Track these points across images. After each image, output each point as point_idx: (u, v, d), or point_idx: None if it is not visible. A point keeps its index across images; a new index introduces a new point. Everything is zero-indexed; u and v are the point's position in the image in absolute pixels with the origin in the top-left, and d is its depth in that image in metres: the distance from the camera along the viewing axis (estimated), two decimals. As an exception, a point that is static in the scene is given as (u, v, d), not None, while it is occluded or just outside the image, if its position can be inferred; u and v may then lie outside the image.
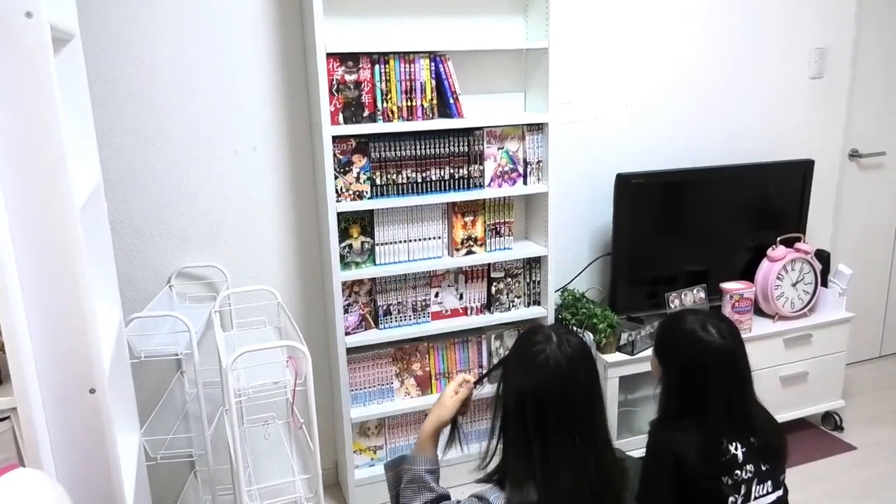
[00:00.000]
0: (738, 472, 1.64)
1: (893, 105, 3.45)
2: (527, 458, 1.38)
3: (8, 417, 1.25)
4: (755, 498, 1.65)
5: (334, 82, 2.30)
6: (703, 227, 2.93)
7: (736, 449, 1.64)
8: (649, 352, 2.65)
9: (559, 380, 1.39)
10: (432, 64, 2.41)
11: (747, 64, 3.08)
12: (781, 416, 2.94)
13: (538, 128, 2.59)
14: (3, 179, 1.18)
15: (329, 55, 2.26)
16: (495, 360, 2.70)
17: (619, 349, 2.70)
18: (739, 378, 1.68)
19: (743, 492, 1.64)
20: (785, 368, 2.92)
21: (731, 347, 1.68)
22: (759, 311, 2.94)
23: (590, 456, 1.39)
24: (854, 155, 3.41)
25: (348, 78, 2.32)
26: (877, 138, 3.45)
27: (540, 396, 1.38)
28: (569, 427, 1.38)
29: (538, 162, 2.62)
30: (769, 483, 1.67)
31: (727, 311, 2.79)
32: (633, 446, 2.74)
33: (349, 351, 2.48)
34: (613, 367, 2.65)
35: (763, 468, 1.66)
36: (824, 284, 2.99)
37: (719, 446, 1.63)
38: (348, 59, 2.31)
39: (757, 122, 3.16)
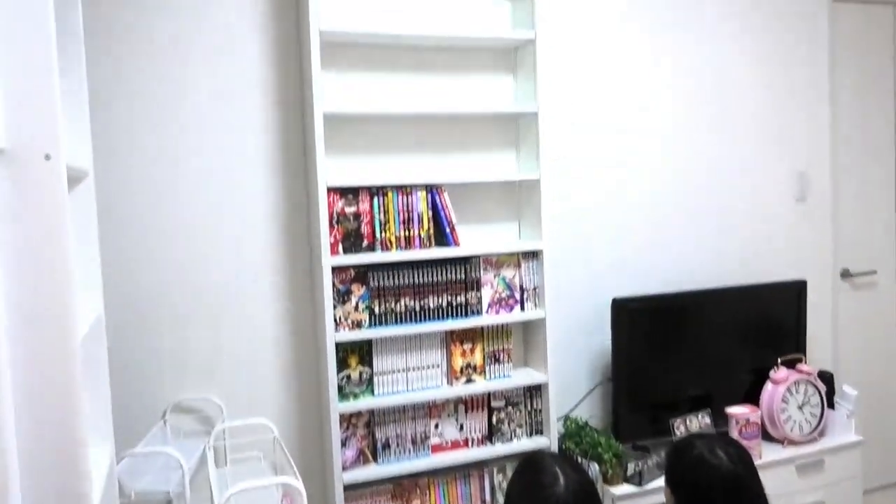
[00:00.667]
0: None
1: (879, 224, 3.54)
2: None
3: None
4: None
5: (334, 214, 2.37)
6: (702, 350, 2.91)
7: None
8: (659, 482, 2.59)
9: None
10: (429, 195, 2.49)
11: (735, 188, 3.19)
12: (801, 549, 2.81)
13: (533, 255, 2.64)
14: (7, 311, 1.18)
15: (330, 189, 2.34)
16: (499, 495, 2.60)
17: (627, 480, 2.61)
18: (748, 502, 1.63)
19: None
20: (800, 497, 2.80)
21: (741, 472, 1.64)
22: (767, 436, 2.87)
23: None
24: (846, 274, 3.46)
25: (348, 210, 2.39)
26: (866, 257, 3.52)
27: None
28: None
29: (534, 288, 2.65)
30: None
31: (735, 436, 2.72)
32: (648, 586, 2.58)
33: (346, 488, 2.39)
34: (622, 500, 2.54)
35: None
36: (831, 406, 2.94)
37: None
38: (348, 193, 2.39)
39: (748, 245, 3.23)
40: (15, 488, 1.20)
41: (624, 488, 2.57)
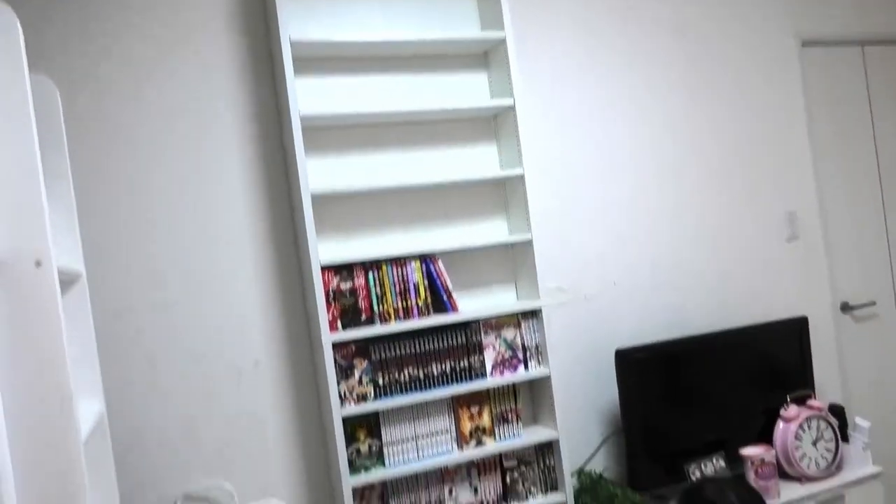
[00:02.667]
0: None
1: (872, 255, 3.57)
2: None
3: None
4: None
5: (331, 292, 2.42)
6: (711, 393, 2.91)
7: None
8: (677, 532, 2.56)
9: None
10: (423, 265, 2.55)
11: (727, 231, 3.23)
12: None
13: (532, 314, 2.67)
14: (9, 415, 1.22)
15: (324, 267, 2.39)
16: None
17: (647, 532, 2.58)
18: None
19: None
20: (825, 535, 2.76)
21: None
22: (784, 475, 2.84)
23: None
24: (846, 308, 3.47)
25: (343, 286, 2.45)
26: (864, 290, 3.53)
27: None
28: None
29: (536, 346, 2.67)
30: None
31: (751, 478, 2.69)
32: None
33: (364, 563, 2.37)
34: (643, 552, 2.51)
35: None
36: (845, 440, 2.92)
37: None
38: (342, 269, 2.45)
39: (745, 286, 3.25)
40: None
41: (644, 542, 2.54)
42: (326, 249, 2.55)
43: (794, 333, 3.06)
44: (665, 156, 3.14)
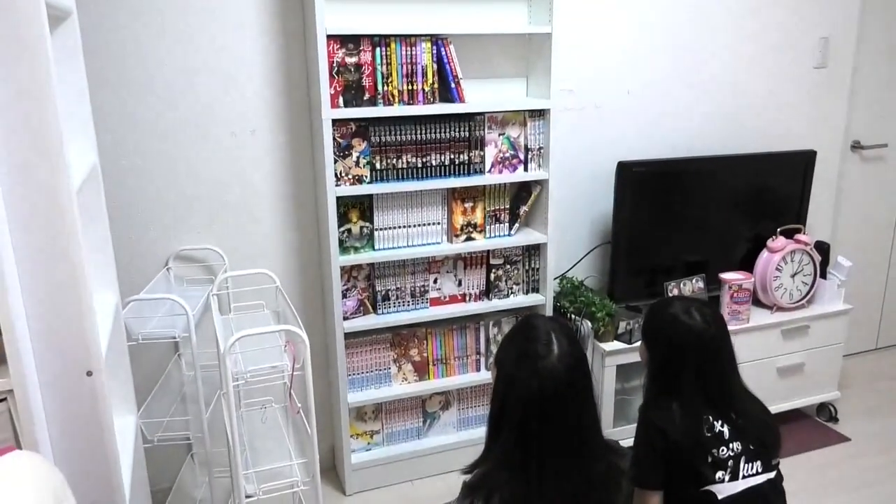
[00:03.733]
0: (723, 448, 1.66)
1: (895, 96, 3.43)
2: (513, 464, 1.40)
3: (5, 399, 1.25)
4: (744, 476, 1.67)
5: (334, 65, 2.28)
6: (703, 216, 2.92)
7: (722, 426, 1.68)
8: (646, 340, 2.69)
9: (559, 390, 1.40)
10: (434, 47, 2.39)
11: (751, 53, 3.05)
12: (777, 407, 2.95)
13: (540, 114, 2.57)
14: (-1, 159, 1.17)
15: (329, 37, 2.23)
16: (493, 347, 2.70)
17: (617, 338, 2.70)
18: (718, 360, 1.72)
19: (730, 467, 1.66)
20: (782, 359, 2.92)
21: (713, 332, 1.72)
22: (757, 302, 2.94)
23: (580, 465, 1.40)
24: (856, 147, 3.40)
25: (349, 60, 2.30)
26: (879, 130, 3.43)
27: (540, 406, 1.39)
28: (565, 437, 1.40)
29: (539, 149, 2.60)
30: (758, 463, 1.69)
31: (726, 300, 2.79)
32: (629, 434, 2.74)
33: (347, 336, 2.48)
34: (611, 355, 2.65)
35: (751, 448, 1.69)
36: (823, 276, 2.99)
37: (699, 422, 1.67)
38: (349, 42, 2.29)
39: (760, 112, 3.14)
40: (22, 328, 1.23)
41: (614, 345, 2.67)
42: (334, 17, 2.37)
43: (799, 166, 3.01)
44: (707, -41, 2.87)
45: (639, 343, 2.63)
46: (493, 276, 2.67)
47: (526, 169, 2.61)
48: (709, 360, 1.71)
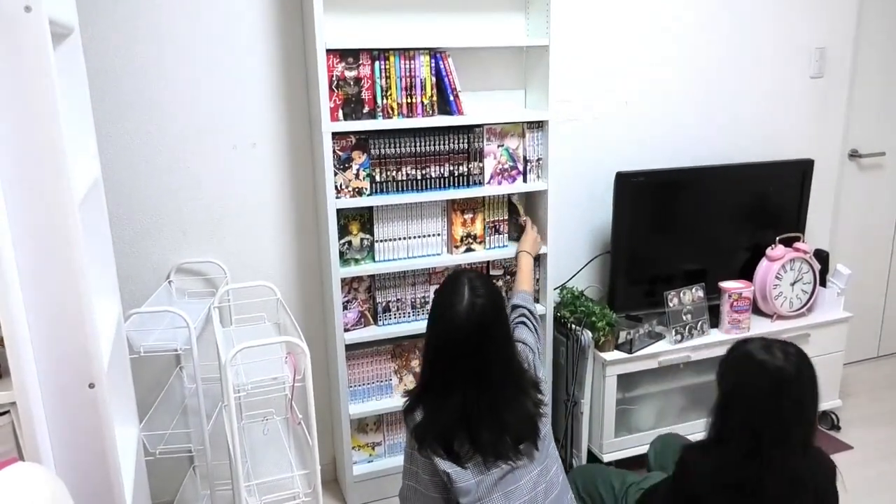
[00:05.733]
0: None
1: (893, 105, 3.45)
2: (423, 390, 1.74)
3: (7, 412, 1.26)
4: None
5: (334, 78, 2.30)
6: (702, 225, 2.93)
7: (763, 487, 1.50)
8: (649, 350, 2.69)
9: (467, 331, 1.65)
10: (432, 60, 2.41)
11: (748, 62, 3.08)
12: (779, 415, 2.95)
13: (538, 125, 2.59)
14: (2, 174, 1.18)
15: (329, 51, 2.25)
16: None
17: (618, 347, 2.70)
18: (786, 408, 1.49)
19: None
20: (783, 367, 2.91)
21: (789, 373, 1.50)
22: (757, 311, 2.95)
23: (479, 390, 1.65)
24: (854, 155, 3.41)
25: (348, 74, 2.32)
26: (877, 138, 3.45)
27: (436, 341, 1.71)
28: (467, 374, 1.65)
29: (538, 160, 2.62)
30: None
31: (725, 309, 2.80)
32: (630, 444, 2.75)
33: (348, 347, 2.49)
34: (611, 365, 2.65)
35: None
36: (823, 284, 3.00)
37: (733, 470, 1.51)
38: (348, 56, 2.31)
39: (757, 121, 3.16)
40: (25, 341, 1.24)
41: (614, 354, 2.67)
42: (334, 31, 2.40)
43: (796, 175, 3.02)
44: (702, -29, 2.90)
45: (640, 352, 2.67)
46: (493, 286, 2.67)
47: (525, 180, 2.63)
48: (776, 404, 1.48)
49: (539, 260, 2.71)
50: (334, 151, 2.33)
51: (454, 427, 1.65)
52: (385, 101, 2.38)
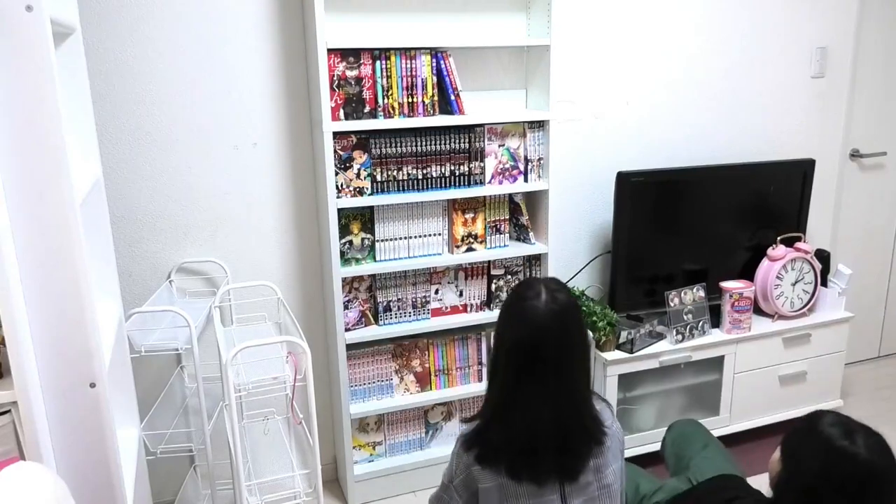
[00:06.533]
0: None
1: (894, 105, 3.44)
2: (494, 397, 1.51)
3: (8, 411, 1.26)
4: None
5: (335, 78, 2.31)
6: (702, 225, 2.93)
7: None
8: (650, 349, 2.69)
9: (547, 337, 1.45)
10: (434, 60, 2.41)
11: (749, 62, 3.08)
12: (779, 416, 2.96)
13: (539, 125, 2.59)
14: (3, 174, 1.18)
15: (330, 51, 2.26)
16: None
17: (619, 347, 2.70)
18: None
19: None
20: (784, 368, 2.92)
21: (880, 467, 1.29)
22: (758, 311, 2.95)
23: (555, 401, 1.45)
24: (855, 155, 3.41)
25: (349, 74, 2.32)
26: (878, 138, 3.45)
27: (516, 346, 1.47)
28: (541, 375, 1.45)
29: (539, 159, 2.62)
30: None
31: (727, 309, 2.79)
32: (632, 444, 2.74)
33: (349, 347, 2.49)
34: (612, 365, 2.65)
35: None
36: (824, 284, 3.00)
37: None
38: (349, 55, 2.31)
39: (758, 121, 3.16)
40: (26, 340, 1.24)
41: (615, 354, 2.67)
42: (334, 30, 2.40)
43: (798, 175, 3.02)
44: (704, -29, 2.90)
45: (641, 352, 2.68)
46: (494, 286, 2.68)
47: (526, 180, 2.63)
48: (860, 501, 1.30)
49: (539, 259, 2.71)
50: (335, 151, 2.33)
51: (541, 437, 1.46)
52: (386, 100, 2.38)
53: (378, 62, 2.34)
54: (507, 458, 1.48)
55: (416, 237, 2.54)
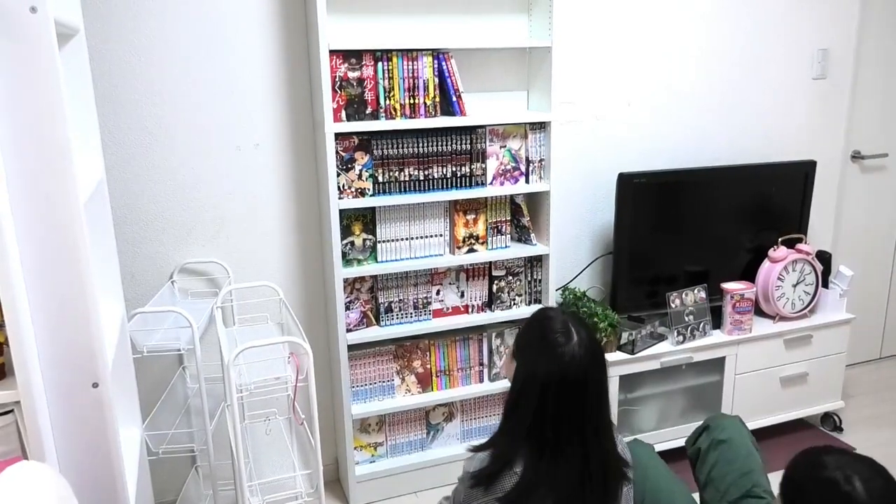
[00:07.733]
0: None
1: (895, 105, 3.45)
2: (530, 441, 1.45)
3: (11, 411, 1.26)
4: None
5: (337, 79, 2.31)
6: (704, 227, 2.93)
7: None
8: (651, 350, 2.69)
9: (580, 377, 1.44)
10: (435, 61, 2.41)
11: (750, 64, 3.08)
12: (781, 417, 2.96)
13: (541, 126, 2.60)
14: (8, 174, 1.19)
15: (332, 52, 2.26)
16: (496, 359, 2.71)
17: (620, 348, 2.70)
18: None
19: None
20: (785, 369, 2.92)
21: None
22: (759, 312, 2.95)
23: (591, 449, 1.45)
24: (856, 156, 3.41)
25: (351, 75, 2.33)
26: (879, 140, 3.45)
27: (558, 392, 1.44)
28: (580, 420, 1.44)
29: (540, 160, 2.62)
30: None
31: (728, 310, 2.80)
32: (633, 445, 2.74)
33: (350, 348, 2.49)
34: (614, 366, 2.65)
35: None
36: (825, 285, 3.00)
37: None
38: (351, 56, 2.32)
39: (759, 123, 3.16)
40: (30, 340, 1.25)
41: (617, 355, 2.67)
42: (337, 31, 2.40)
43: (799, 176, 3.02)
44: (706, -28, 2.90)
45: (642, 353, 2.68)
46: (495, 287, 2.68)
47: (527, 181, 2.63)
48: None
49: (540, 260, 2.71)
50: (337, 152, 2.33)
51: (574, 483, 1.44)
52: (388, 101, 2.39)
53: (380, 63, 2.35)
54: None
55: (417, 238, 2.54)
